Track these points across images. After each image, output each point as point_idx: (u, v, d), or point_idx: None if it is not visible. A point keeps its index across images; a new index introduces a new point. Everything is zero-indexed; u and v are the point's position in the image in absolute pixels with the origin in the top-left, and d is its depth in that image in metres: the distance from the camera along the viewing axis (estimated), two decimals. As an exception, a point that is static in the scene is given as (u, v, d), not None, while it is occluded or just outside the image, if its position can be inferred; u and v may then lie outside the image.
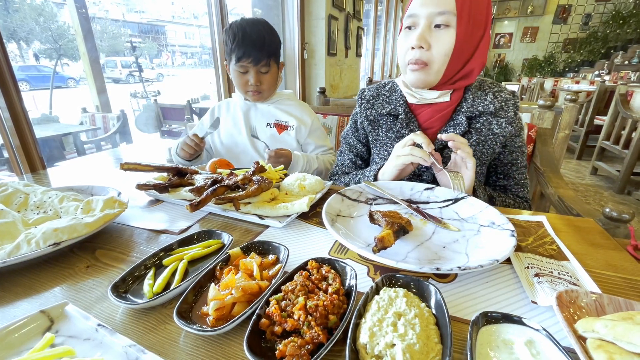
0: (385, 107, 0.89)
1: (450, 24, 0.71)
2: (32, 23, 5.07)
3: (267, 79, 1.14)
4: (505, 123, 0.81)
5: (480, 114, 0.81)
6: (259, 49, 1.08)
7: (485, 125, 0.82)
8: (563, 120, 1.28)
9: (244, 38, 1.06)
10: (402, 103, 0.86)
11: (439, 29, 0.72)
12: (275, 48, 1.13)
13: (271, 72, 1.15)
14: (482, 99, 0.81)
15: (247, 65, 1.10)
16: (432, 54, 0.74)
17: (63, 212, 0.66)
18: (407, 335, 0.33)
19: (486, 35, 0.76)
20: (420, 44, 0.73)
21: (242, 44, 1.06)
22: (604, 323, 0.33)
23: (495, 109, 0.80)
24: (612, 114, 3.33)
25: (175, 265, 0.49)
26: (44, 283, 0.49)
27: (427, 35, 0.73)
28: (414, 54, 0.75)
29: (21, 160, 1.33)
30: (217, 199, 0.66)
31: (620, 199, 3.06)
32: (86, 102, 3.44)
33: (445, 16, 0.71)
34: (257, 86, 1.14)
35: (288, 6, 3.17)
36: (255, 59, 1.08)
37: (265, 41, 1.08)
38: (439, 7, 0.70)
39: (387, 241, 0.50)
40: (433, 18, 0.72)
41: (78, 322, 0.38)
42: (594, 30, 9.24)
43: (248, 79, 1.12)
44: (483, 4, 0.72)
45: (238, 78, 1.14)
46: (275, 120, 1.22)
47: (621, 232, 0.71)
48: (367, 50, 6.02)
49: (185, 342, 0.38)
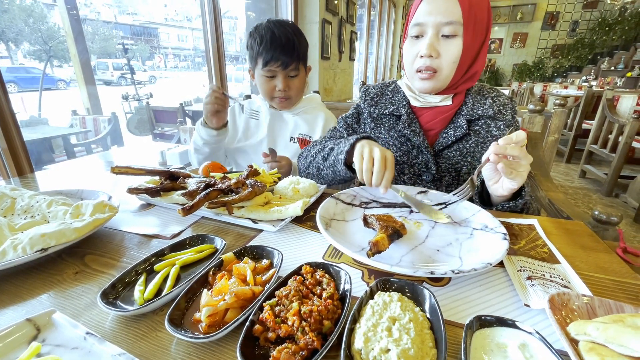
0: (388, 107, 0.90)
1: (458, 33, 0.73)
2: (21, 24, 4.99)
3: (295, 83, 1.09)
4: (503, 126, 0.82)
5: (480, 117, 0.83)
6: (288, 52, 1.02)
7: (484, 127, 0.83)
8: (552, 124, 1.31)
9: (272, 41, 1.01)
10: (405, 104, 0.88)
11: (447, 39, 0.74)
12: (304, 51, 1.08)
13: (299, 77, 1.09)
14: (481, 103, 0.83)
15: (275, 70, 1.04)
16: (441, 62, 0.75)
17: (51, 217, 0.64)
18: (401, 340, 0.33)
19: (487, 38, 0.79)
20: (430, 53, 0.74)
21: (270, 47, 1.01)
22: (596, 326, 0.34)
23: (494, 113, 0.82)
24: (599, 118, 3.41)
25: (167, 271, 0.48)
26: (31, 290, 0.47)
27: (435, 44, 0.74)
28: (424, 62, 0.76)
29: (8, 163, 1.30)
30: (210, 203, 0.65)
31: (608, 201, 3.13)
32: (76, 104, 3.39)
33: (453, 26, 0.72)
34: (286, 92, 1.08)
35: (282, 10, 3.18)
36: (284, 62, 1.02)
37: (294, 44, 1.03)
38: (447, 17, 0.72)
39: (382, 245, 0.50)
40: (440, 28, 0.73)
41: (66, 331, 0.37)
42: (581, 37, 9.49)
43: (275, 84, 1.06)
44: (485, 10, 0.74)
45: (265, 84, 1.08)
46: (300, 135, 1.17)
47: (610, 234, 0.73)
48: (360, 55, 6.06)
49: (177, 350, 0.37)
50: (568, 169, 4.13)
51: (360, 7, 5.21)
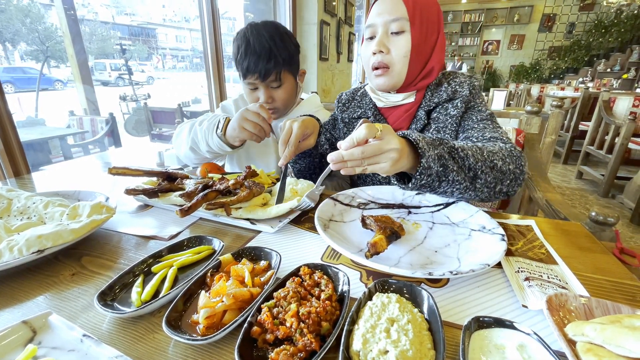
0: (357, 111, 0.94)
1: (405, 29, 0.77)
2: (18, 24, 4.96)
3: (279, 95, 0.99)
4: (460, 102, 0.82)
5: (437, 105, 0.84)
6: (264, 61, 0.91)
7: (442, 112, 0.84)
8: (549, 125, 1.31)
9: (246, 51, 0.92)
10: (372, 107, 0.91)
11: (395, 35, 0.78)
12: (287, 57, 0.95)
13: (284, 87, 0.99)
14: (437, 91, 0.85)
15: (254, 82, 0.95)
16: (392, 56, 0.79)
17: (48, 218, 0.64)
18: (400, 341, 0.33)
19: (440, 38, 0.82)
20: (380, 49, 0.79)
21: (245, 58, 0.92)
22: (593, 326, 0.34)
23: (450, 94, 0.83)
24: (595, 119, 3.43)
25: (164, 272, 0.48)
26: (27, 292, 0.47)
27: (385, 40, 0.79)
28: (376, 59, 0.80)
29: (4, 164, 1.29)
30: (208, 204, 0.65)
31: (604, 202, 3.14)
32: (74, 104, 3.37)
33: (399, 22, 0.77)
34: (269, 103, 0.99)
35: (280, 11, 3.19)
36: (261, 74, 0.92)
37: (271, 51, 0.92)
38: (392, 15, 0.77)
39: (380, 246, 0.50)
40: (389, 25, 0.78)
41: (62, 333, 0.37)
42: (577, 39, 9.55)
43: (258, 96, 0.98)
44: (433, 10, 0.80)
45: (249, 96, 1.01)
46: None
47: (607, 235, 0.73)
48: (358, 56, 6.08)
49: (174, 352, 0.37)
50: (565, 170, 4.15)
51: (358, 8, 5.22)
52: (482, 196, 0.67)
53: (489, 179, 0.64)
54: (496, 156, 0.66)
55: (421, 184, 0.59)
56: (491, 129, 0.79)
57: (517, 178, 0.68)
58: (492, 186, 0.66)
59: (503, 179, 0.66)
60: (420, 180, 0.58)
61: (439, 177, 0.59)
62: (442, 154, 0.59)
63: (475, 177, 0.63)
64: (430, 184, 0.59)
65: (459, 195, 0.66)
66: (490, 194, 0.68)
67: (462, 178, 0.61)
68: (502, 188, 0.68)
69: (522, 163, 0.70)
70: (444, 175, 0.59)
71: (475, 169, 0.62)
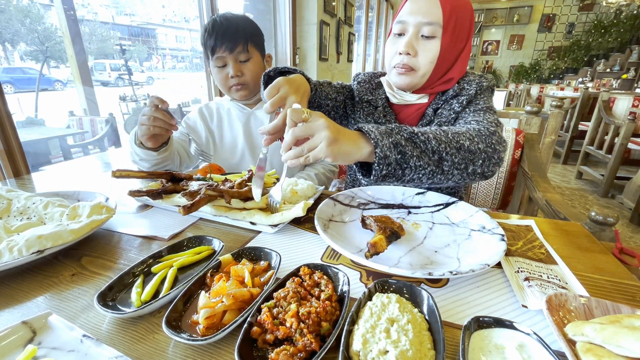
0: (368, 95, 0.92)
1: (437, 34, 0.74)
2: (18, 24, 4.96)
3: (249, 67, 1.02)
4: (465, 100, 0.81)
5: (444, 102, 0.83)
6: (232, 35, 0.97)
7: (447, 107, 0.83)
8: (549, 125, 1.31)
9: (214, 27, 0.97)
10: (384, 99, 0.90)
11: (425, 39, 0.75)
12: (253, 33, 1.02)
13: (253, 61, 1.03)
14: (446, 90, 0.83)
15: (223, 56, 0.99)
16: (419, 60, 0.77)
17: (48, 219, 0.64)
18: (400, 341, 0.33)
19: (467, 47, 0.80)
20: (407, 51, 0.76)
21: (212, 34, 0.97)
22: (593, 327, 0.34)
23: (455, 91, 0.82)
24: (595, 119, 3.43)
25: (164, 273, 0.48)
26: (27, 292, 0.47)
27: (414, 42, 0.76)
28: (401, 59, 0.78)
29: (4, 164, 1.29)
30: (208, 187, 0.65)
31: (604, 202, 3.14)
32: (73, 105, 3.37)
33: (433, 27, 0.73)
34: (239, 77, 1.02)
35: (280, 11, 3.19)
36: (229, 46, 0.98)
37: (238, 27, 0.99)
38: (427, 18, 0.73)
39: (380, 246, 0.50)
40: (421, 27, 0.75)
41: (62, 333, 0.37)
42: (577, 39, 9.56)
43: (228, 71, 1.01)
44: (467, 18, 0.76)
45: (218, 75, 1.04)
46: None
47: (607, 235, 0.73)
48: (358, 56, 6.08)
49: (174, 352, 0.37)
50: (565, 170, 4.15)
51: (358, 8, 5.22)
52: (455, 179, 0.64)
53: (456, 160, 0.61)
54: (462, 137, 0.63)
55: (383, 175, 0.57)
56: (479, 120, 0.74)
57: (489, 157, 0.65)
58: (462, 167, 0.62)
59: (474, 159, 0.63)
60: (380, 170, 0.56)
61: (400, 164, 0.57)
62: (399, 141, 0.57)
63: (440, 160, 0.60)
64: (393, 173, 0.57)
65: (429, 181, 0.62)
66: (463, 176, 0.64)
67: (426, 162, 0.59)
68: (476, 169, 0.64)
69: (493, 141, 0.66)
70: (405, 162, 0.57)
71: (439, 151, 0.59)
